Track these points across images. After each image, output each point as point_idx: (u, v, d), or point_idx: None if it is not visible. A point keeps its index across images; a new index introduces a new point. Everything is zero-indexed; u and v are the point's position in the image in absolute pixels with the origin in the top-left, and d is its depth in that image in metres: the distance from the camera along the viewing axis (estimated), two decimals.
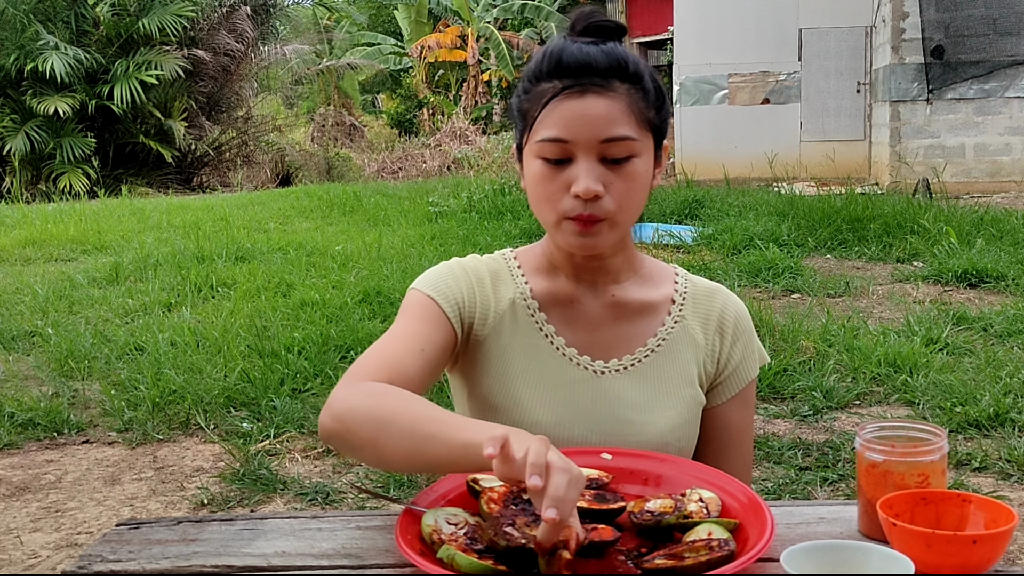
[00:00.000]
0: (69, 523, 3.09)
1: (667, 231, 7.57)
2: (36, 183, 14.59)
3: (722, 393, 1.38)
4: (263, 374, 4.26)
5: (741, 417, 1.40)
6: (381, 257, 6.99)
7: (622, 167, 1.21)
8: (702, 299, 1.38)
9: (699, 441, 1.37)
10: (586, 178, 1.19)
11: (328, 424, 1.15)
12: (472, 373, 1.34)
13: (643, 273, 1.38)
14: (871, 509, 1.03)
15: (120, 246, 8.01)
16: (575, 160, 1.21)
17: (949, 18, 11.06)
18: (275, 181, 16.90)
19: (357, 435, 1.12)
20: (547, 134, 1.21)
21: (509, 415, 1.30)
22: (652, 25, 17.99)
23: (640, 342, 1.34)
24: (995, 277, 5.93)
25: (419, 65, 21.88)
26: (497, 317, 1.33)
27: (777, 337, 4.64)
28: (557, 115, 1.21)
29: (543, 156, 1.22)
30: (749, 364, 1.39)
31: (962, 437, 3.51)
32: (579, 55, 1.21)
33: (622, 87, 1.22)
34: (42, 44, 14.36)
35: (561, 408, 1.30)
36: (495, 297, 1.34)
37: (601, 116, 1.20)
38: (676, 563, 0.94)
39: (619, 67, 1.22)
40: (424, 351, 1.25)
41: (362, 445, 1.12)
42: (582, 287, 1.34)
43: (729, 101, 13.31)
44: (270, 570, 1.02)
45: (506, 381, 1.31)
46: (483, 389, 1.33)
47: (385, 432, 1.10)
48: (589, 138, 1.20)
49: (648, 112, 1.24)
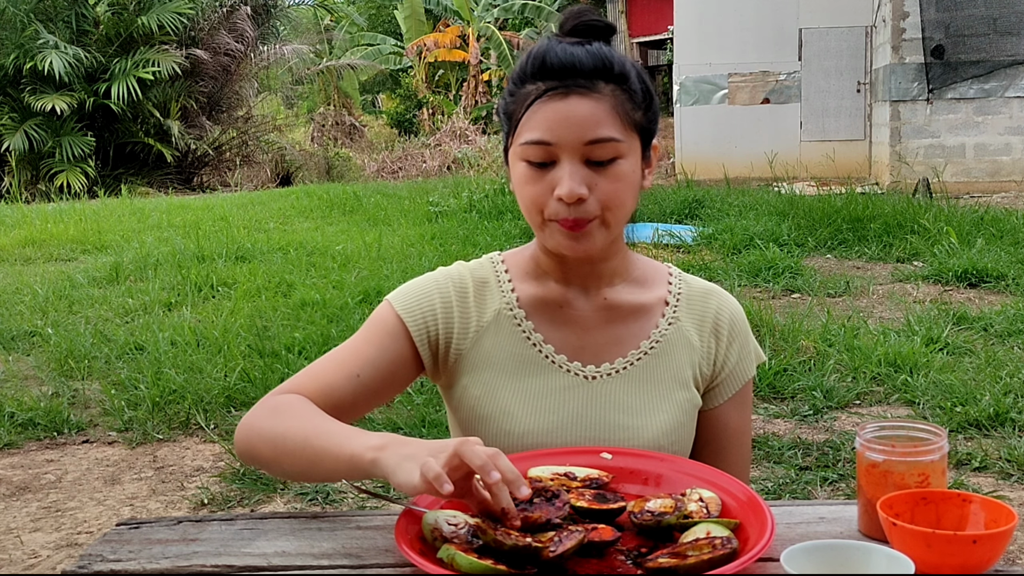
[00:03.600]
0: (69, 523, 3.09)
1: (667, 231, 7.58)
2: (35, 183, 14.59)
3: (719, 395, 1.37)
4: (263, 374, 4.25)
5: (739, 418, 1.39)
6: (381, 257, 6.99)
7: (607, 169, 1.19)
8: (697, 300, 1.36)
9: (697, 443, 1.36)
10: (569, 181, 1.17)
11: (237, 444, 1.25)
12: (457, 386, 1.32)
13: (636, 275, 1.35)
14: (871, 509, 1.03)
15: (120, 246, 8.02)
16: (559, 162, 1.19)
17: (949, 18, 11.06)
18: (275, 181, 16.90)
19: (260, 454, 1.21)
20: (530, 136, 1.20)
21: (498, 425, 1.28)
22: (652, 25, 18.00)
23: (633, 344, 1.32)
24: (995, 277, 5.93)
25: (419, 65, 21.87)
26: (480, 330, 1.31)
27: (777, 337, 4.64)
28: (540, 117, 1.19)
29: (527, 159, 1.21)
30: (746, 365, 1.38)
31: (962, 437, 3.51)
32: (563, 56, 1.19)
33: (607, 88, 1.20)
34: (42, 43, 14.37)
35: (551, 415, 1.28)
36: (478, 310, 1.32)
37: (585, 118, 1.18)
38: (679, 562, 0.94)
39: (604, 68, 1.20)
40: (359, 376, 1.26)
41: (267, 463, 1.21)
42: (573, 290, 1.32)
43: (729, 101, 13.31)
44: (270, 570, 1.02)
45: (493, 392, 1.29)
46: (469, 401, 1.31)
47: (281, 449, 1.18)
48: (573, 140, 1.18)
49: (634, 113, 1.22)
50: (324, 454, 1.12)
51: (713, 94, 13.34)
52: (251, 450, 1.22)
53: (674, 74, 13.69)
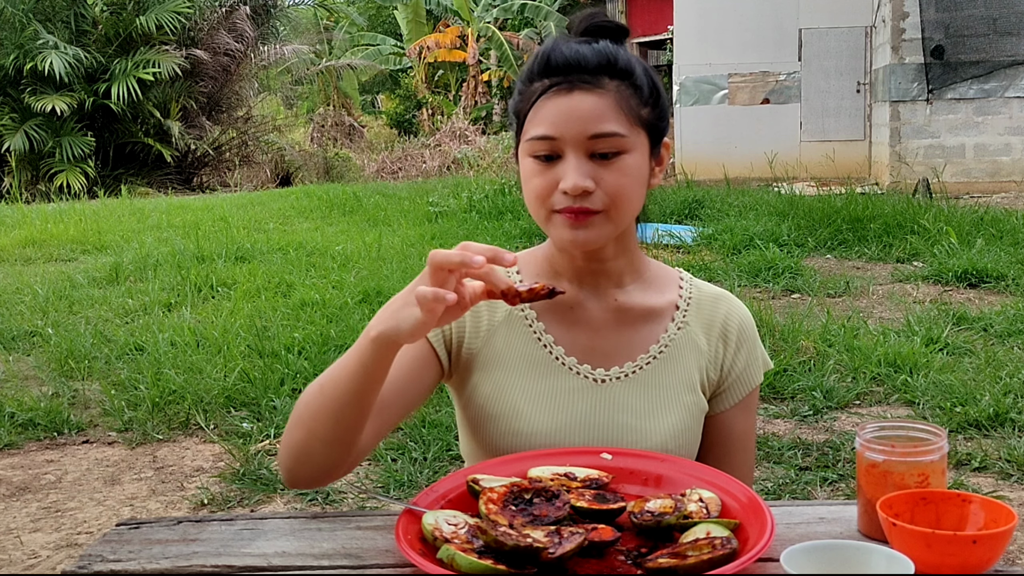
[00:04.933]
0: (69, 523, 3.09)
1: (667, 231, 7.58)
2: (35, 183, 14.60)
3: (725, 400, 1.37)
4: (263, 374, 4.26)
5: (744, 423, 1.39)
6: (381, 257, 7.00)
7: (612, 163, 1.20)
8: (707, 305, 1.36)
9: (701, 447, 1.36)
10: (574, 174, 1.18)
11: (285, 469, 1.19)
12: (467, 385, 1.33)
13: (647, 277, 1.35)
14: (871, 509, 1.03)
15: (120, 246, 8.02)
16: (564, 157, 1.20)
17: (949, 18, 11.06)
18: (275, 181, 16.90)
19: (298, 445, 1.15)
20: (536, 132, 1.21)
21: (508, 424, 1.29)
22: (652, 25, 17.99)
23: (642, 348, 1.32)
24: (995, 277, 5.93)
25: (419, 65, 21.87)
26: (491, 329, 1.31)
27: (777, 337, 4.64)
28: (545, 112, 1.20)
29: (533, 154, 1.22)
30: (753, 371, 1.38)
31: (962, 437, 3.51)
32: (568, 53, 1.21)
33: (611, 83, 1.21)
34: (41, 43, 14.37)
35: (560, 416, 1.29)
36: (489, 310, 1.32)
37: (588, 112, 1.19)
38: (679, 562, 0.94)
39: (608, 64, 1.21)
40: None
41: (306, 446, 1.15)
42: (584, 291, 1.32)
43: (729, 101, 13.31)
44: (270, 570, 1.02)
45: (503, 392, 1.30)
46: (479, 400, 1.31)
47: (308, 418, 1.14)
48: (576, 134, 1.19)
49: (640, 109, 1.22)
50: (338, 381, 1.11)
51: (713, 94, 13.34)
52: (290, 449, 1.17)
53: (674, 74, 13.69)
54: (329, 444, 1.14)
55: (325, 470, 1.17)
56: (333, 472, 1.18)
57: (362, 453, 1.20)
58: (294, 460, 1.17)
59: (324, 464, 1.16)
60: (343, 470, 1.19)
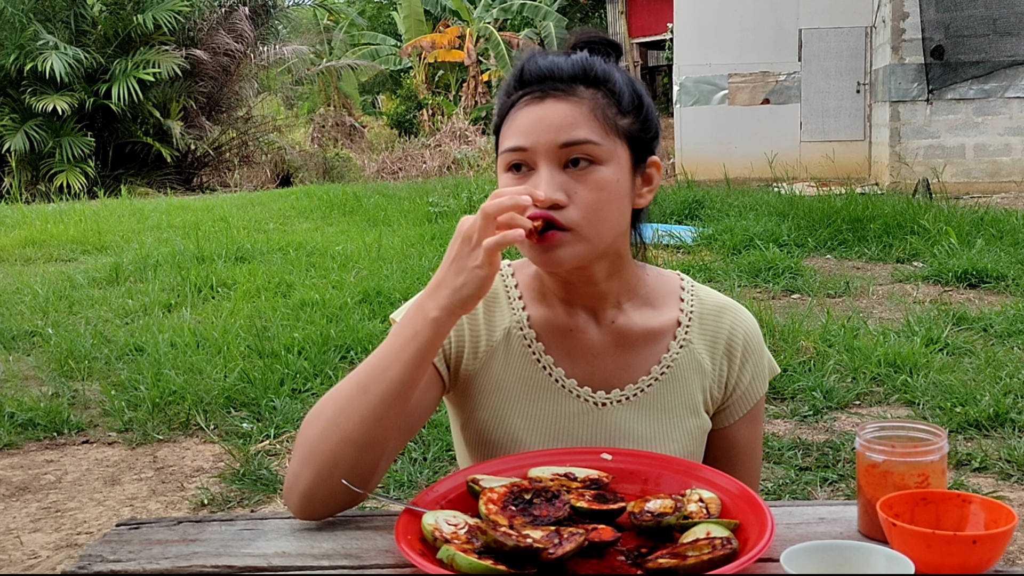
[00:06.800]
0: (69, 523, 3.08)
1: (667, 231, 7.58)
2: (35, 183, 14.60)
3: (730, 415, 1.34)
4: (263, 374, 4.26)
5: (749, 434, 1.36)
6: (381, 257, 6.99)
7: (586, 175, 1.15)
8: (710, 319, 1.31)
9: (706, 459, 1.34)
10: (544, 186, 1.13)
11: (292, 503, 1.13)
12: (465, 406, 1.30)
13: (644, 294, 1.30)
14: (871, 509, 1.03)
15: (120, 246, 8.02)
16: (537, 169, 1.16)
17: (949, 18, 11.06)
18: (275, 181, 16.91)
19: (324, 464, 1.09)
20: (509, 143, 1.18)
21: (506, 450, 1.26)
22: (652, 25, 18.00)
23: (643, 370, 1.28)
24: (995, 277, 5.93)
25: (419, 66, 21.88)
26: (489, 349, 1.28)
27: (777, 337, 4.64)
28: (518, 123, 1.18)
29: (507, 165, 1.19)
30: (758, 383, 1.34)
31: (962, 437, 3.51)
32: (543, 63, 1.19)
33: (587, 91, 1.17)
34: (41, 44, 14.38)
35: (560, 441, 1.26)
36: (487, 328, 1.28)
37: (560, 119, 1.15)
38: (679, 562, 0.94)
39: (583, 72, 1.18)
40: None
41: (338, 461, 1.09)
42: (581, 314, 1.28)
43: (729, 101, 13.31)
44: (270, 570, 1.02)
45: (501, 416, 1.27)
46: (476, 424, 1.28)
47: (345, 420, 1.09)
48: (547, 143, 1.15)
49: (618, 118, 1.18)
50: (386, 373, 1.07)
51: (713, 94, 13.34)
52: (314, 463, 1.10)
53: (674, 74, 13.70)
54: (365, 449, 1.09)
55: (350, 488, 1.09)
56: (360, 488, 1.11)
57: (382, 472, 1.17)
58: (316, 476, 1.09)
59: (353, 476, 1.09)
60: (372, 484, 1.13)
